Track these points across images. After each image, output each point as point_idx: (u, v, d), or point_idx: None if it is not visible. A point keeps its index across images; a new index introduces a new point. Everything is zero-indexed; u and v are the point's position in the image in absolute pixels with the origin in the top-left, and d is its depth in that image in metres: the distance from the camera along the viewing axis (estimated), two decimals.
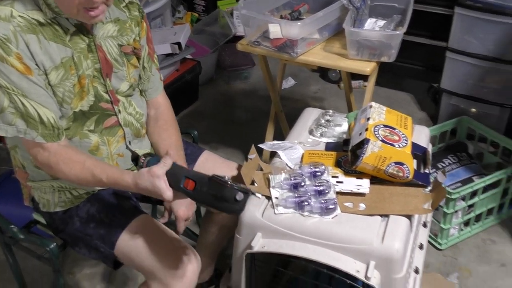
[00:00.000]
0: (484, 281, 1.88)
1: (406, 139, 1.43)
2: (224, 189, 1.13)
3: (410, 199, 1.37)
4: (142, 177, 1.15)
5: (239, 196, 1.13)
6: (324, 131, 1.65)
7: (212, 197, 1.12)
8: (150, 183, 1.13)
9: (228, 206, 1.13)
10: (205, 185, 1.15)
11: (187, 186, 1.15)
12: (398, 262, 1.27)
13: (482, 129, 2.19)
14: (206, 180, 1.16)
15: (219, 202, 1.12)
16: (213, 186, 1.14)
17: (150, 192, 1.15)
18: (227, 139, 2.73)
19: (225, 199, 1.12)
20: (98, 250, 1.35)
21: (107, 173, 1.21)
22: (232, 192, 1.13)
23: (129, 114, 1.40)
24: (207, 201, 1.13)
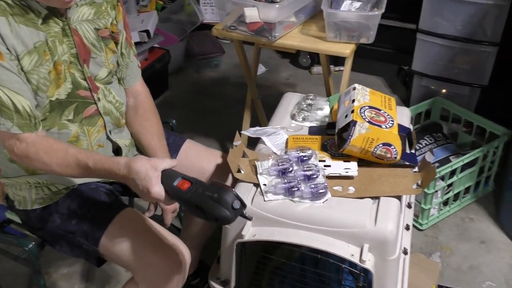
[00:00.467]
0: (466, 258, 1.90)
1: (392, 120, 1.42)
2: (225, 192, 1.06)
3: (399, 180, 1.37)
4: (140, 161, 1.09)
5: (237, 203, 1.07)
6: (307, 115, 1.63)
7: (207, 198, 1.05)
8: (145, 171, 1.07)
9: (222, 212, 1.04)
10: (202, 187, 1.08)
11: (181, 186, 1.09)
12: (391, 244, 1.26)
13: (456, 109, 2.21)
14: (203, 183, 1.10)
15: (214, 205, 1.04)
16: (212, 188, 1.08)
17: (137, 182, 1.08)
18: (201, 128, 2.68)
19: (222, 203, 1.05)
20: (81, 248, 1.29)
21: (94, 158, 1.14)
22: (232, 197, 1.06)
23: (109, 102, 1.34)
24: (201, 202, 1.05)
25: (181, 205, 1.11)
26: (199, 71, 3.26)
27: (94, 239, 1.26)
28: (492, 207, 2.11)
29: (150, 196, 1.08)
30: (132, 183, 1.09)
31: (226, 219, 1.04)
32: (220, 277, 1.48)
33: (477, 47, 2.40)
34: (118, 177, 1.11)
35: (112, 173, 1.11)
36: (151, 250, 1.24)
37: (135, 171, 1.08)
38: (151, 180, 1.07)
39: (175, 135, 1.55)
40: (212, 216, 1.04)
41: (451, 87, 2.55)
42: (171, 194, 1.09)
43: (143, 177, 1.07)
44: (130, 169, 1.08)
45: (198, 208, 1.05)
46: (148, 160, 1.09)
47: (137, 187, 1.09)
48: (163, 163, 1.10)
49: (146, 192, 1.08)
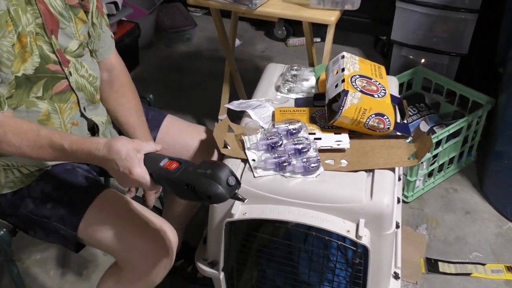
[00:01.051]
0: (452, 229, 1.89)
1: (384, 89, 1.36)
2: (219, 167, 0.97)
3: (393, 151, 1.31)
4: (121, 140, 0.99)
5: (232, 180, 0.97)
6: (292, 87, 1.55)
7: (199, 175, 0.96)
8: (126, 151, 0.98)
9: (216, 188, 0.94)
10: (192, 166, 0.99)
11: (168, 166, 1.00)
12: (388, 218, 1.21)
13: (438, 79, 2.18)
14: (193, 163, 1.00)
15: (207, 181, 0.95)
16: (205, 165, 0.98)
17: (117, 162, 0.99)
18: (176, 105, 2.57)
19: (216, 179, 0.95)
20: (58, 233, 1.19)
21: (70, 139, 1.04)
22: (227, 173, 0.97)
23: (81, 76, 1.23)
24: (192, 179, 0.96)
25: (168, 187, 1.01)
26: (170, 45, 3.13)
27: (72, 223, 1.16)
28: (475, 177, 2.10)
29: (132, 178, 0.99)
30: (112, 164, 1.00)
31: (220, 196, 0.96)
32: (207, 258, 1.40)
33: (457, 14, 2.36)
34: (97, 158, 1.01)
35: (91, 154, 1.01)
36: (136, 233, 1.15)
37: (115, 150, 0.98)
38: (133, 160, 0.98)
39: (155, 110, 1.45)
40: (205, 194, 0.95)
41: (430, 57, 2.51)
42: (156, 177, 1.01)
43: (124, 157, 0.98)
44: (111, 149, 0.99)
45: (188, 187, 0.96)
46: (130, 141, 1.00)
47: (116, 170, 1.00)
48: (146, 145, 1.01)
49: (128, 174, 0.99)
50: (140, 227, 1.16)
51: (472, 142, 2.10)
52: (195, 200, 0.98)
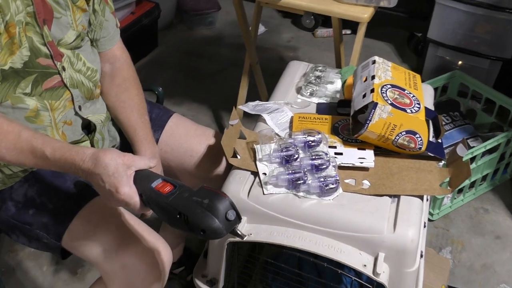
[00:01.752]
0: (479, 254, 1.72)
1: (419, 103, 1.19)
2: (219, 198, 0.85)
3: (423, 176, 1.15)
4: (110, 153, 0.87)
5: (231, 214, 0.85)
6: (315, 90, 1.40)
7: (195, 204, 0.83)
8: (114, 166, 0.85)
9: (211, 222, 0.82)
10: (188, 191, 0.86)
11: (160, 189, 0.87)
12: (412, 254, 1.06)
13: (477, 86, 1.99)
14: (190, 188, 0.88)
15: (203, 213, 0.82)
16: (202, 193, 0.86)
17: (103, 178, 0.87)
18: (192, 93, 2.43)
19: (213, 211, 0.83)
20: (41, 241, 1.08)
21: (53, 145, 0.91)
22: (227, 205, 0.84)
23: (77, 71, 1.09)
24: (185, 208, 0.83)
25: (158, 213, 0.88)
26: (191, 28, 2.98)
27: (55, 233, 1.04)
28: (509, 197, 1.92)
29: (118, 197, 0.87)
30: (97, 180, 0.87)
31: (216, 231, 0.83)
32: (206, 274, 1.28)
33: (503, 15, 2.15)
34: (81, 170, 0.89)
35: (75, 165, 0.89)
36: (124, 250, 1.03)
37: (102, 164, 0.86)
38: (122, 177, 0.85)
39: (160, 108, 1.31)
40: (199, 227, 0.82)
41: (469, 59, 2.32)
42: (146, 198, 0.88)
43: (111, 173, 0.86)
44: (97, 162, 0.86)
45: (181, 216, 0.83)
46: (121, 155, 0.87)
47: (102, 186, 0.87)
48: (139, 161, 0.88)
49: (114, 192, 0.86)
50: (130, 244, 1.03)
51: (509, 159, 1.92)
52: (187, 231, 0.85)
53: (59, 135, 1.09)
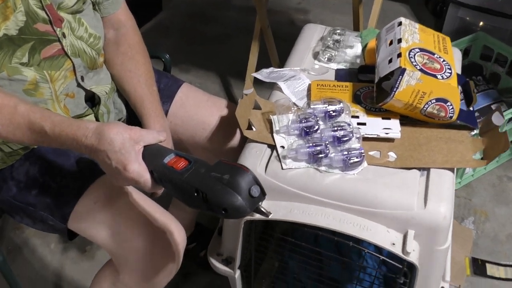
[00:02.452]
0: (503, 225, 1.65)
1: (450, 68, 1.10)
2: (241, 173, 0.76)
3: (454, 146, 1.07)
4: (115, 127, 0.79)
5: (255, 190, 0.76)
6: (333, 55, 1.30)
7: (214, 181, 0.75)
8: (121, 141, 0.77)
9: (234, 199, 0.73)
10: (205, 166, 0.78)
11: (173, 164, 0.78)
12: (444, 231, 0.99)
13: (502, 48, 1.87)
14: (206, 163, 0.79)
15: (224, 190, 0.74)
16: (221, 167, 0.77)
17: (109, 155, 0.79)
18: (198, 59, 2.33)
19: (235, 187, 0.74)
20: (46, 223, 1.01)
21: (53, 120, 0.83)
22: (250, 180, 0.75)
23: (78, 38, 1.00)
24: (204, 185, 0.75)
25: (172, 191, 0.80)
26: None
27: (61, 215, 0.97)
28: None
29: (127, 175, 0.79)
30: (102, 157, 0.79)
31: (239, 210, 0.75)
32: (221, 253, 1.22)
33: None
34: (84, 147, 0.81)
35: (77, 141, 0.81)
36: (135, 232, 0.96)
37: (107, 139, 0.78)
38: (130, 153, 0.77)
39: (168, 77, 1.22)
40: (220, 205, 0.74)
41: (492, 20, 2.18)
42: (158, 176, 0.80)
43: (118, 149, 0.78)
44: (102, 137, 0.78)
45: (199, 194, 0.75)
46: (127, 128, 0.79)
47: (108, 164, 0.79)
48: (147, 135, 0.80)
49: (121, 170, 0.79)
50: (141, 225, 0.96)
51: None
52: (206, 210, 0.77)
53: (61, 108, 1.01)
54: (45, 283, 1.52)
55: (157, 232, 0.96)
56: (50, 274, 1.54)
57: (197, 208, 0.78)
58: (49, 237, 1.63)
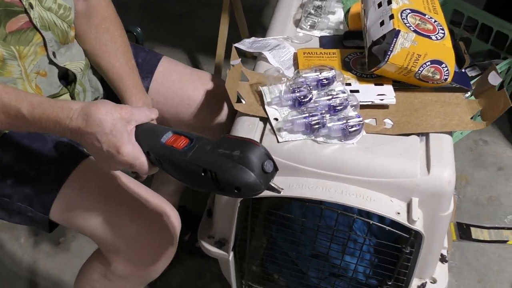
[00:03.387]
0: (483, 188, 1.66)
1: (442, 28, 1.06)
2: (251, 148, 0.69)
3: (451, 109, 1.04)
4: (103, 106, 0.71)
5: (269, 165, 0.69)
6: (316, 22, 1.25)
7: (223, 158, 0.68)
8: (111, 122, 0.69)
9: (247, 177, 0.67)
10: (209, 143, 0.71)
11: (173, 144, 0.71)
12: (448, 197, 0.96)
13: (473, 11, 1.87)
14: (209, 139, 0.72)
15: (235, 167, 0.67)
16: (228, 143, 0.70)
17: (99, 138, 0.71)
18: (161, 37, 2.22)
19: (248, 164, 0.67)
20: (24, 215, 0.92)
21: (31, 101, 0.74)
22: (262, 155, 0.69)
23: (47, 9, 0.89)
24: (212, 163, 0.68)
25: (174, 173, 0.73)
26: None
27: (41, 205, 0.89)
28: (507, 127, 1.86)
29: (120, 159, 0.71)
30: (91, 140, 0.71)
31: (254, 187, 0.68)
32: (213, 235, 1.16)
33: None
34: (68, 130, 0.72)
35: (60, 124, 0.72)
36: (128, 217, 0.88)
37: (96, 121, 0.69)
38: (122, 135, 0.69)
39: (146, 50, 1.13)
40: (232, 184, 0.68)
41: None
42: (155, 157, 0.72)
43: (108, 131, 0.70)
44: (89, 118, 0.70)
45: (207, 173, 0.68)
46: (117, 107, 0.71)
47: (98, 148, 0.71)
48: (139, 114, 0.72)
49: (114, 154, 0.71)
50: (133, 209, 0.88)
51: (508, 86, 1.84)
52: (216, 191, 0.70)
53: (33, 88, 0.91)
54: (19, 280, 1.42)
55: (152, 216, 0.89)
56: (23, 270, 1.44)
57: (205, 189, 0.72)
58: (18, 230, 1.52)
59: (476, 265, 1.46)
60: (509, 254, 1.49)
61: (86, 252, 1.42)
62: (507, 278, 1.44)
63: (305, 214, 1.18)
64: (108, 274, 0.93)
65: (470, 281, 1.43)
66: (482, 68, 1.82)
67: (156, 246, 0.89)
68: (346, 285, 1.15)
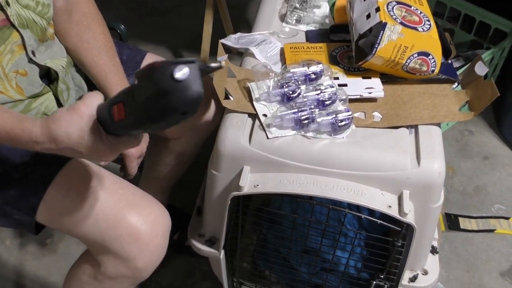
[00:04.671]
0: (470, 178, 1.67)
1: (428, 20, 1.06)
2: (153, 72, 0.62)
3: (439, 101, 1.04)
4: (62, 119, 0.68)
5: (178, 71, 0.61)
6: (301, 16, 1.24)
7: (147, 106, 0.62)
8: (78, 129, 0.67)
9: (171, 100, 0.61)
10: (133, 94, 0.65)
11: (115, 115, 0.66)
12: (438, 188, 0.97)
13: (455, 2, 1.87)
14: (130, 89, 0.67)
15: (156, 99, 0.61)
16: (141, 85, 0.64)
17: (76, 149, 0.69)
18: (145, 33, 2.19)
19: (161, 91, 0.60)
20: (10, 217, 0.90)
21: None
22: (164, 70, 0.61)
23: (24, 7, 0.87)
24: (145, 111, 0.63)
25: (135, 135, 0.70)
26: None
27: (28, 207, 0.87)
28: (491, 117, 1.87)
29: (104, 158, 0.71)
30: (70, 151, 0.69)
31: (188, 105, 0.62)
32: (203, 233, 1.15)
33: None
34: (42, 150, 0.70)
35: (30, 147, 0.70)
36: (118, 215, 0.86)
37: (63, 135, 0.67)
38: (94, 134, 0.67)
39: (130, 47, 1.11)
40: (177, 111, 0.62)
41: None
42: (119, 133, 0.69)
43: (79, 138, 0.67)
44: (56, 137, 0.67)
45: (150, 119, 0.64)
46: (71, 110, 0.68)
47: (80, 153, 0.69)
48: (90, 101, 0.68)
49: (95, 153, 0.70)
50: (122, 209, 0.87)
51: (491, 76, 1.85)
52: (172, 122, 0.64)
53: (13, 88, 0.88)
54: (6, 282, 1.39)
55: (140, 215, 0.88)
56: (10, 272, 1.41)
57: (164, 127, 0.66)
58: (3, 232, 1.49)
59: (465, 255, 1.47)
60: (496, 243, 1.50)
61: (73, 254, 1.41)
62: (495, 266, 1.45)
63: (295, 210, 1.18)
64: (97, 275, 0.91)
65: (459, 271, 1.44)
66: (466, 59, 1.83)
67: (146, 246, 0.88)
68: (338, 279, 1.15)
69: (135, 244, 0.87)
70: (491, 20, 1.80)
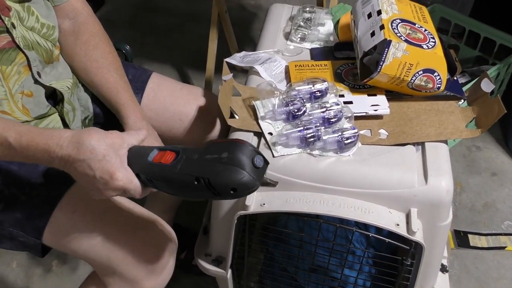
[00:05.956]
0: (478, 194, 1.66)
1: (433, 37, 1.06)
2: (238, 147, 0.68)
3: (445, 118, 1.04)
4: (95, 134, 0.69)
5: (259, 160, 0.69)
6: (306, 34, 1.24)
7: (213, 163, 0.67)
8: (104, 148, 0.68)
9: (240, 176, 0.66)
10: (196, 152, 0.70)
11: (160, 159, 0.70)
12: (446, 206, 0.95)
13: (460, 19, 1.88)
14: (196, 148, 0.71)
15: (226, 169, 0.66)
16: (215, 147, 0.69)
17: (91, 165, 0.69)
18: (150, 52, 2.21)
19: (238, 163, 0.67)
20: (16, 240, 0.90)
21: (17, 129, 0.73)
22: (250, 151, 0.68)
23: (29, 29, 0.88)
24: (203, 170, 0.67)
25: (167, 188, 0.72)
26: None
27: (34, 229, 0.86)
28: (498, 132, 1.86)
29: (115, 185, 0.70)
30: (83, 168, 0.70)
31: (249, 185, 0.68)
32: (210, 253, 1.14)
33: None
34: (58, 158, 0.71)
35: (48, 152, 0.71)
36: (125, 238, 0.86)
37: (89, 148, 0.68)
38: (115, 160, 0.68)
39: (136, 67, 1.11)
40: (227, 186, 0.67)
41: None
42: (145, 177, 0.71)
43: (102, 157, 0.68)
44: (82, 146, 0.68)
45: (200, 181, 0.67)
46: (108, 133, 0.70)
47: (91, 175, 0.70)
48: (129, 137, 0.72)
49: (108, 180, 0.69)
50: (128, 229, 0.87)
51: (497, 91, 1.84)
52: (212, 197, 0.69)
53: (19, 109, 0.89)
54: None
55: (147, 236, 0.87)
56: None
57: (201, 198, 0.70)
58: (9, 254, 1.48)
59: (475, 273, 1.45)
60: (507, 260, 1.48)
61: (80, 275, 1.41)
62: (507, 285, 1.43)
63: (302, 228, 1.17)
64: None
65: None
66: (472, 74, 1.83)
67: (153, 266, 0.87)
68: None
69: (142, 265, 0.87)
70: (496, 36, 1.80)
